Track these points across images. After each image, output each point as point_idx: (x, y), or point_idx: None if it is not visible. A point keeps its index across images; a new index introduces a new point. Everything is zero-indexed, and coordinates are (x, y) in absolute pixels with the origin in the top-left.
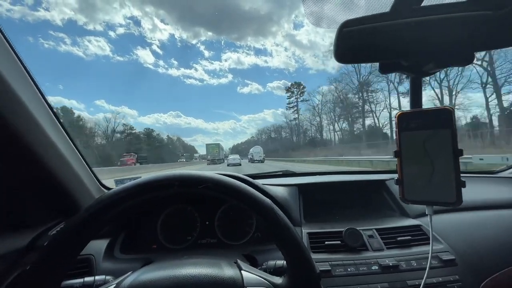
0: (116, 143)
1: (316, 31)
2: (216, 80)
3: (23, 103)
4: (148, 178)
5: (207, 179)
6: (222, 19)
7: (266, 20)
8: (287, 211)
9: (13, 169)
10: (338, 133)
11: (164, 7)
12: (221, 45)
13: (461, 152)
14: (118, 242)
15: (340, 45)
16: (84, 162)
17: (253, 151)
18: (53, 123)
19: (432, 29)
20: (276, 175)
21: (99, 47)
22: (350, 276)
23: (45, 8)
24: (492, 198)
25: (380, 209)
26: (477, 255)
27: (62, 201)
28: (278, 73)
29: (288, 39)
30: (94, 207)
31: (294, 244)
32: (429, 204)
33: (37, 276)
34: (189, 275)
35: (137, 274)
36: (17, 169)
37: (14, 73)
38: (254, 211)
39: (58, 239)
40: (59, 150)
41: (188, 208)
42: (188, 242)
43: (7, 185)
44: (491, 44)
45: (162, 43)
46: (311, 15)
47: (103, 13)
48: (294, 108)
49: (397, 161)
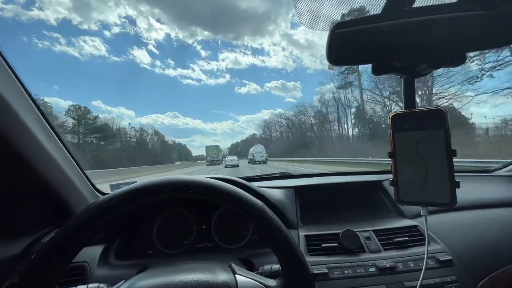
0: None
1: (313, 31)
2: (214, 80)
3: (12, 108)
4: (139, 184)
5: (198, 183)
6: (219, 18)
7: (263, 19)
8: (283, 214)
9: (5, 176)
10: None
11: (159, 6)
12: (218, 44)
13: (454, 152)
14: (113, 248)
15: (333, 47)
16: (77, 167)
17: (254, 151)
18: (44, 128)
19: (424, 30)
20: (273, 177)
21: (95, 47)
22: (347, 279)
23: (39, 7)
24: (488, 197)
25: (377, 210)
26: (474, 255)
27: (56, 207)
28: (275, 73)
29: (286, 39)
30: (83, 216)
31: (287, 245)
32: (424, 205)
33: (29, 285)
34: (182, 281)
35: (129, 283)
36: (8, 175)
37: (2, 77)
38: (246, 213)
39: (47, 248)
40: (51, 155)
41: (184, 212)
42: (185, 246)
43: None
44: (483, 45)
45: (158, 42)
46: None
47: (98, 12)
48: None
49: (392, 162)
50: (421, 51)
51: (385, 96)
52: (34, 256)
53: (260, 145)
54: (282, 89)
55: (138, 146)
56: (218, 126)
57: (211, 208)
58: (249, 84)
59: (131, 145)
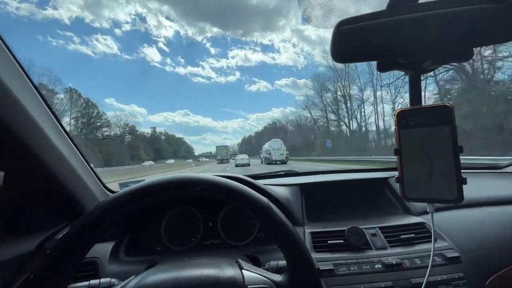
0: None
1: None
2: (224, 78)
3: (27, 112)
4: (147, 183)
5: (204, 181)
6: (228, 13)
7: (274, 13)
8: (289, 211)
9: (21, 176)
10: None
11: (168, 2)
12: (227, 41)
13: (461, 148)
14: (123, 244)
15: (337, 44)
16: (88, 166)
17: (271, 147)
18: (57, 130)
19: (429, 25)
20: (279, 175)
21: (107, 45)
22: (353, 275)
23: (53, 6)
24: (497, 194)
25: (383, 207)
26: (482, 252)
27: (68, 205)
28: (286, 70)
29: (296, 35)
30: (94, 213)
31: (291, 240)
32: (430, 201)
33: (43, 281)
34: (190, 276)
35: (139, 278)
36: (24, 176)
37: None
38: (251, 210)
39: (61, 244)
40: (63, 156)
41: (191, 210)
42: (192, 243)
43: (14, 191)
44: (491, 39)
45: (168, 40)
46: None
47: (109, 10)
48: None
49: (397, 159)
50: (426, 46)
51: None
52: (49, 252)
53: (278, 140)
54: (293, 86)
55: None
56: (228, 124)
57: (218, 206)
58: (259, 81)
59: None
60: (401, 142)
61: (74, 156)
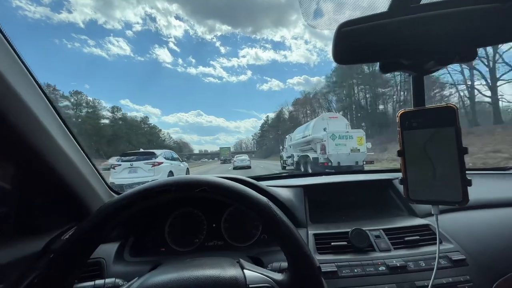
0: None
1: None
2: (235, 77)
3: (33, 114)
4: (149, 185)
5: (204, 182)
6: (237, 9)
7: (286, 7)
8: (292, 213)
9: (27, 177)
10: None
11: (177, 0)
12: (237, 40)
13: (465, 150)
14: (128, 245)
15: (339, 46)
16: (94, 168)
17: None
18: (63, 133)
19: (432, 26)
20: (281, 177)
21: (120, 47)
22: (356, 277)
23: (67, 9)
24: (504, 195)
25: (387, 209)
26: (489, 255)
27: (74, 206)
28: (298, 68)
29: (308, 30)
30: (99, 214)
31: (292, 239)
32: (435, 203)
33: (50, 281)
34: (192, 277)
35: (144, 278)
36: (31, 177)
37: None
38: (250, 209)
39: (67, 245)
40: (69, 158)
41: (195, 212)
42: (196, 244)
43: (22, 192)
44: (494, 39)
45: (178, 40)
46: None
47: (120, 10)
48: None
49: (401, 161)
50: (429, 47)
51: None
52: (55, 252)
53: (340, 117)
54: (306, 84)
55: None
56: (241, 124)
57: (221, 207)
58: (270, 80)
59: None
60: (404, 143)
61: (80, 158)
